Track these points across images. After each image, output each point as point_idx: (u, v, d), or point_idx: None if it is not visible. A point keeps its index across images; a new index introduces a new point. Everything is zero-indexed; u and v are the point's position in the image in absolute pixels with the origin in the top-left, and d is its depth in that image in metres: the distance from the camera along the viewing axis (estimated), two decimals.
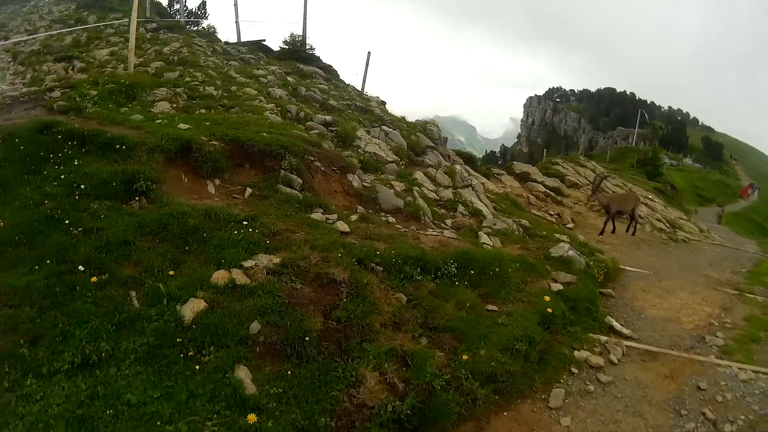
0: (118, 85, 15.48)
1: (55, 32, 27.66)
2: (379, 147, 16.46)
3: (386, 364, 7.04)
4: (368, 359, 7.05)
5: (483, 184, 21.72)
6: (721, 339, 10.70)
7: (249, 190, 11.05)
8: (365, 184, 13.33)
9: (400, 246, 9.98)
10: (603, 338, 10.05)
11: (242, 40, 30.89)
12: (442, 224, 13.27)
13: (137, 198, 9.54)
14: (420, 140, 19.51)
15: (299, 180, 11.65)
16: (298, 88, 20.52)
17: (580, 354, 9.35)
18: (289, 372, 6.56)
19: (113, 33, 27.28)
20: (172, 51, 22.74)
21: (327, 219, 10.65)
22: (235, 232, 8.83)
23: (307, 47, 29.32)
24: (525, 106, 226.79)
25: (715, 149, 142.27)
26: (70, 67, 21.07)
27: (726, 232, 42.95)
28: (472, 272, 10.00)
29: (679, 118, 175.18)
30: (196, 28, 31.42)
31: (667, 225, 28.27)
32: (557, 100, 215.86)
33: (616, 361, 9.41)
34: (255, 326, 6.86)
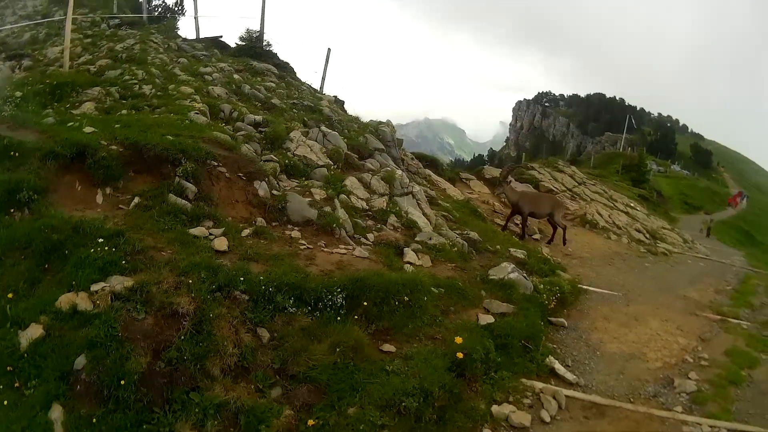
0: (45, 85, 15.20)
1: (8, 27, 27.46)
2: (311, 149, 14.87)
3: (211, 421, 5.94)
4: (190, 413, 5.96)
5: (445, 189, 21.00)
6: (694, 382, 8.87)
7: (136, 200, 9.85)
8: (275, 193, 11.81)
9: (279, 269, 8.46)
10: (538, 386, 8.10)
11: (201, 36, 29.80)
12: (363, 239, 11.59)
13: (19, 209, 8.83)
14: (368, 142, 17.76)
15: (193, 188, 10.40)
16: (242, 86, 19.39)
17: (501, 409, 7.35)
18: (96, 420, 5.69)
19: (74, 29, 24.98)
20: (124, 48, 21.71)
21: (210, 234, 9.40)
22: (98, 249, 7.78)
23: (264, 44, 27.81)
24: (514, 110, 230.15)
25: (703, 156, 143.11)
26: (18, 66, 20.73)
27: (712, 242, 41.20)
28: (366, 303, 8.35)
29: (668, 124, 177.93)
30: (157, 24, 29.89)
31: (647, 236, 26.45)
32: (546, 104, 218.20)
33: (548, 419, 7.42)
34: (80, 361, 6.06)
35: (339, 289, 8.27)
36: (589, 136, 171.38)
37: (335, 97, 25.76)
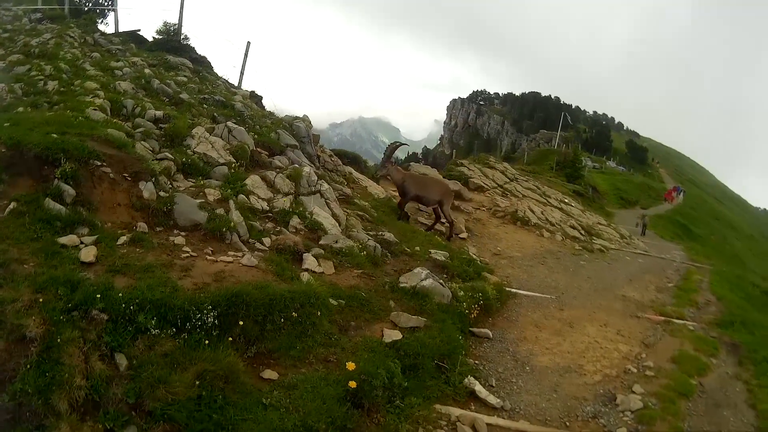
0: None
1: None
2: (213, 146, 13.80)
3: None
4: None
5: (366, 187, 20.19)
6: (639, 397, 7.93)
7: (12, 206, 8.76)
8: (162, 194, 10.60)
9: (145, 283, 7.23)
10: (455, 413, 6.97)
11: (120, 30, 29.52)
12: (258, 244, 10.48)
13: None
14: (280, 138, 16.75)
15: (72, 191, 9.36)
16: (151, 81, 18.20)
17: None
18: None
19: None
20: (39, 43, 20.59)
21: (81, 243, 8.31)
22: None
23: (182, 37, 27.43)
24: (448, 108, 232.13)
25: (639, 153, 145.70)
26: None
27: (650, 237, 40.91)
28: (243, 322, 7.26)
29: (604, 122, 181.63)
30: (77, 19, 28.75)
31: (582, 232, 25.61)
32: (481, 102, 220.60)
33: None
34: None
35: (210, 306, 7.11)
36: (523, 134, 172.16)
37: (252, 92, 25.24)
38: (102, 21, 31.38)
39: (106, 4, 33.61)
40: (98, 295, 6.58)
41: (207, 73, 24.60)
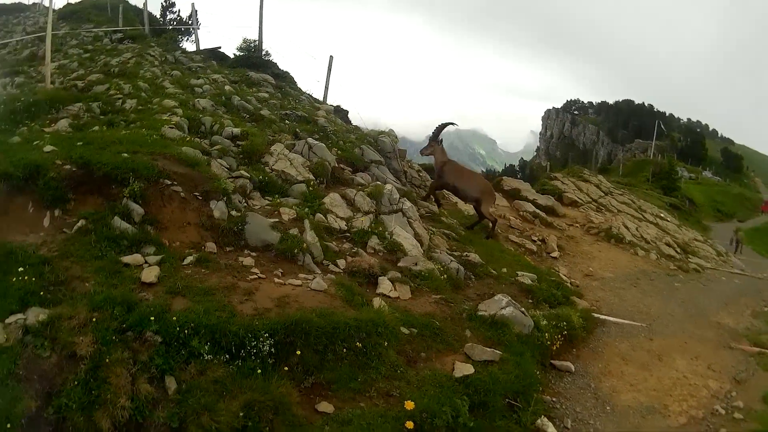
0: (21, 103, 14.77)
1: (6, 42, 28.34)
2: (291, 164, 13.62)
3: None
4: None
5: (456, 203, 19.43)
6: None
7: (81, 223, 8.85)
8: (233, 214, 10.47)
9: (203, 306, 7.17)
10: None
11: (202, 48, 30.38)
12: (332, 266, 10.13)
13: None
14: (364, 154, 16.34)
15: (140, 210, 9.33)
16: (231, 98, 18.43)
17: None
18: None
19: (76, 45, 26.66)
20: (119, 62, 21.34)
21: (145, 262, 8.29)
22: (21, 277, 7.03)
23: (263, 53, 27.69)
24: (543, 118, 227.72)
25: (734, 161, 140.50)
26: (10, 83, 20.04)
27: (746, 254, 38.88)
28: (301, 351, 7.00)
29: (697, 129, 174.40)
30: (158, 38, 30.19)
31: (678, 250, 24.32)
32: (575, 112, 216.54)
33: None
34: None
35: (266, 334, 6.92)
36: (619, 144, 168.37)
37: (336, 106, 24.99)
38: (186, 39, 32.96)
39: (188, 22, 34.20)
40: (152, 317, 6.62)
41: (290, 89, 24.63)
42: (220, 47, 30.09)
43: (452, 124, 17.67)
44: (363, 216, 12.26)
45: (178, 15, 34.97)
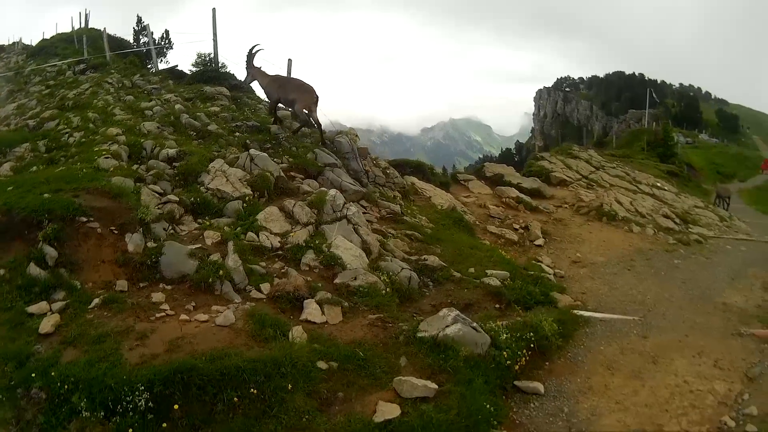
0: None
1: None
2: (228, 180, 12.87)
3: None
4: None
5: (430, 198, 18.77)
6: None
7: (1, 272, 8.65)
8: (149, 245, 9.97)
9: (87, 358, 6.77)
10: None
11: (161, 68, 30.47)
12: (255, 291, 9.30)
13: None
14: (318, 158, 15.62)
15: (54, 253, 9.05)
16: (180, 117, 17.93)
17: None
18: None
19: (38, 81, 27.09)
20: (76, 94, 21.57)
21: (50, 310, 8.05)
22: None
23: (220, 66, 27.27)
24: (535, 99, 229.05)
25: (730, 122, 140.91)
26: None
27: (750, 215, 37.01)
28: (177, 406, 6.18)
29: (691, 94, 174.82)
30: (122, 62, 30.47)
31: (677, 221, 22.77)
32: (567, 89, 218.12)
33: None
34: None
35: (142, 387, 6.24)
36: (613, 116, 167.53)
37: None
38: (160, 60, 33.30)
39: (160, 44, 35.02)
40: (33, 374, 6.43)
41: (248, 98, 24.01)
42: (176, 66, 29.73)
43: (258, 45, 17.93)
44: (301, 229, 11.42)
45: (152, 37, 34.74)
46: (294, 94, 16.62)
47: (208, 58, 27.72)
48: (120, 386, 6.19)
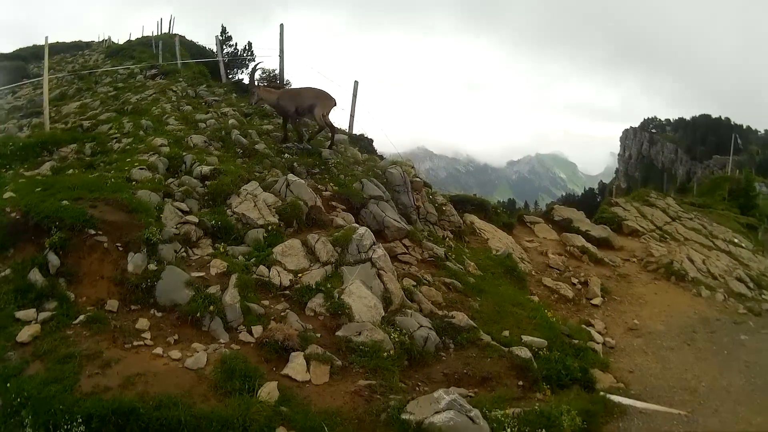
0: (15, 146, 15.14)
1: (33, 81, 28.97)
2: (255, 205, 12.36)
3: None
4: None
5: (487, 240, 17.80)
6: None
7: (7, 272, 8.86)
8: (151, 267, 9.73)
9: (44, 377, 6.79)
10: None
11: (228, 79, 30.48)
12: (245, 333, 8.74)
13: None
14: (365, 188, 14.96)
15: (56, 262, 9.12)
16: (231, 132, 17.40)
17: None
18: None
19: (108, 82, 27.42)
20: (139, 99, 21.93)
21: (35, 319, 8.14)
22: None
23: (285, 82, 26.11)
24: (621, 139, 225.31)
25: None
26: (27, 125, 20.47)
27: None
28: None
29: None
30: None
31: (751, 285, 20.82)
32: (653, 130, 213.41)
33: None
34: None
35: (80, 419, 6.07)
36: (697, 161, 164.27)
37: (360, 135, 23.11)
38: (240, 72, 34.01)
39: (246, 55, 34.93)
40: None
41: (307, 120, 22.63)
42: (242, 79, 30.05)
43: (260, 62, 19.31)
44: (319, 268, 10.67)
45: (235, 48, 35.17)
46: (313, 101, 16.46)
47: (272, 74, 27.17)
48: (62, 414, 6.08)
